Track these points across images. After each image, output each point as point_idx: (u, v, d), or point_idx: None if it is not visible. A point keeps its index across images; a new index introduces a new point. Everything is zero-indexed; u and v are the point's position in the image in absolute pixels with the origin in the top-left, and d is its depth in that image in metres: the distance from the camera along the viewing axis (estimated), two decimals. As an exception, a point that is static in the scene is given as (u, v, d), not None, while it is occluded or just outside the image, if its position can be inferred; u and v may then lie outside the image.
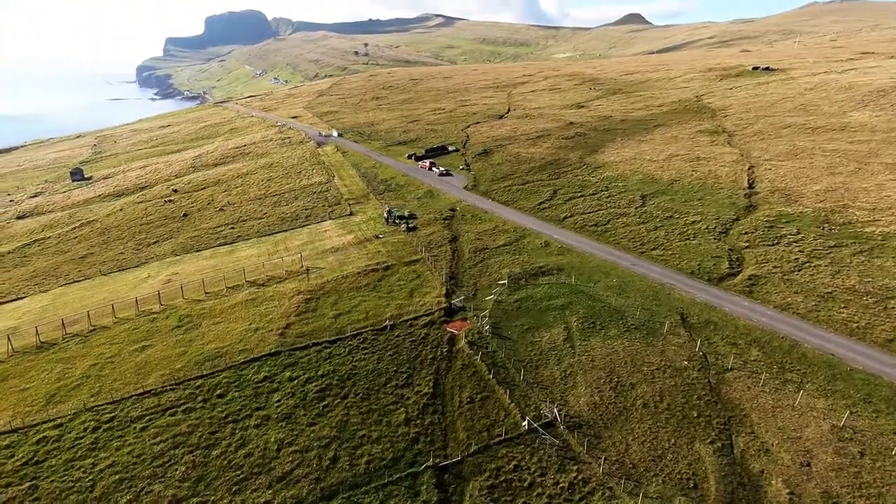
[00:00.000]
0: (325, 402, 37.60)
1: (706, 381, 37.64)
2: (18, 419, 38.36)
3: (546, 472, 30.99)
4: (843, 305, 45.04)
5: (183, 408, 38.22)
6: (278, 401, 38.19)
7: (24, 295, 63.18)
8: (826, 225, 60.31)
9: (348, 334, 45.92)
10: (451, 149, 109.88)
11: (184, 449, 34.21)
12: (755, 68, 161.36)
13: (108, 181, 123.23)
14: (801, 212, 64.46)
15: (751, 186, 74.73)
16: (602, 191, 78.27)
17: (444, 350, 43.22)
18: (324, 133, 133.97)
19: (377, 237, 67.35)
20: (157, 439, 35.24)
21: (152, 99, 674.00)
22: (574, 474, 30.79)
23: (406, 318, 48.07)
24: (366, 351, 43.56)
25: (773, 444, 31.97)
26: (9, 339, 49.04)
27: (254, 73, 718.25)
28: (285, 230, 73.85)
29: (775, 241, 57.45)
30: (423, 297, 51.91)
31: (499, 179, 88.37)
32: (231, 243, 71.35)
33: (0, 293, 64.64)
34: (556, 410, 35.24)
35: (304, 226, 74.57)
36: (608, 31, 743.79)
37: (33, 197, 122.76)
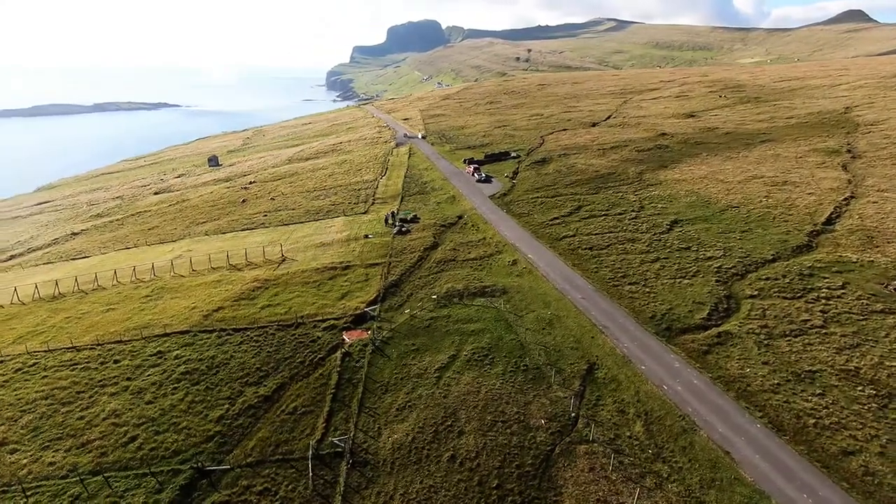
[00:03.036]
0: (176, 385, 39.17)
1: (548, 449, 30.55)
2: (-12, 351, 47.14)
3: (285, 504, 28.28)
4: (817, 392, 32.69)
5: (82, 366, 43.08)
6: (147, 375, 40.83)
7: (90, 255, 77.08)
8: (895, 282, 44.31)
9: (255, 325, 47.11)
10: (513, 155, 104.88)
11: (48, 401, 38.59)
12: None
13: (228, 169, 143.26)
14: (871, 260, 48.32)
15: (829, 222, 58.17)
16: (632, 211, 67.74)
17: (319, 357, 41.83)
18: (409, 134, 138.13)
19: (366, 237, 67.52)
20: (42, 387, 40.29)
21: (334, 101, 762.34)
22: (310, 514, 27.58)
23: (317, 319, 47.57)
24: (254, 344, 44.19)
25: (555, 546, 24.75)
26: (36, 287, 60.41)
27: (421, 78, 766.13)
28: (301, 222, 78.13)
29: (798, 294, 43.90)
30: (351, 300, 50.81)
31: (533, 190, 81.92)
32: (251, 229, 77.93)
33: (79, 251, 79.84)
34: (347, 441, 31.86)
35: (320, 219, 78.05)
36: (815, 32, 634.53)
37: (177, 177, 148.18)
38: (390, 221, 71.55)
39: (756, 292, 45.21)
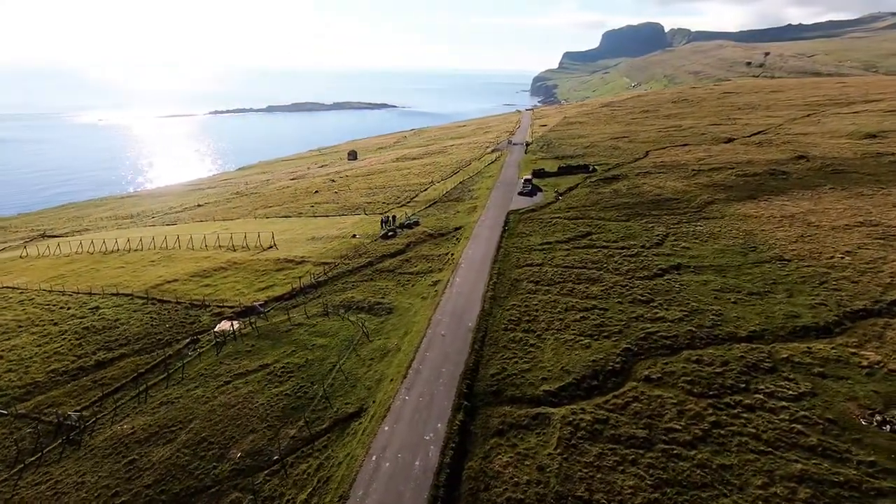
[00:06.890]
0: (67, 337, 45.47)
1: (207, 485, 27.18)
2: (26, 283, 61.19)
3: (-12, 458, 30.83)
4: (553, 532, 22.26)
5: (48, 307, 52.85)
6: (68, 324, 48.16)
7: (178, 223, 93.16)
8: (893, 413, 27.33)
9: (175, 300, 51.57)
10: (591, 168, 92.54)
11: (-5, 328, 48.60)
12: None
13: (357, 163, 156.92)
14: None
15: (906, 302, 38.20)
16: (642, 247, 54.22)
17: (176, 338, 43.99)
18: (514, 141, 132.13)
19: (353, 237, 67.67)
20: (10, 317, 50.77)
21: (535, 105, 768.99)
22: (-10, 473, 29.60)
23: (220, 304, 49.92)
24: (155, 316, 48.47)
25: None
26: (104, 242, 75.71)
27: (629, 84, 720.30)
28: (327, 215, 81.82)
29: (714, 392, 30.17)
30: (263, 293, 51.94)
31: (564, 209, 71.25)
32: (287, 217, 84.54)
33: (176, 219, 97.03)
34: (80, 419, 33.00)
35: (343, 215, 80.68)
36: None
37: (320, 167, 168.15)
38: (385, 224, 70.26)
39: (659, 375, 32.35)
